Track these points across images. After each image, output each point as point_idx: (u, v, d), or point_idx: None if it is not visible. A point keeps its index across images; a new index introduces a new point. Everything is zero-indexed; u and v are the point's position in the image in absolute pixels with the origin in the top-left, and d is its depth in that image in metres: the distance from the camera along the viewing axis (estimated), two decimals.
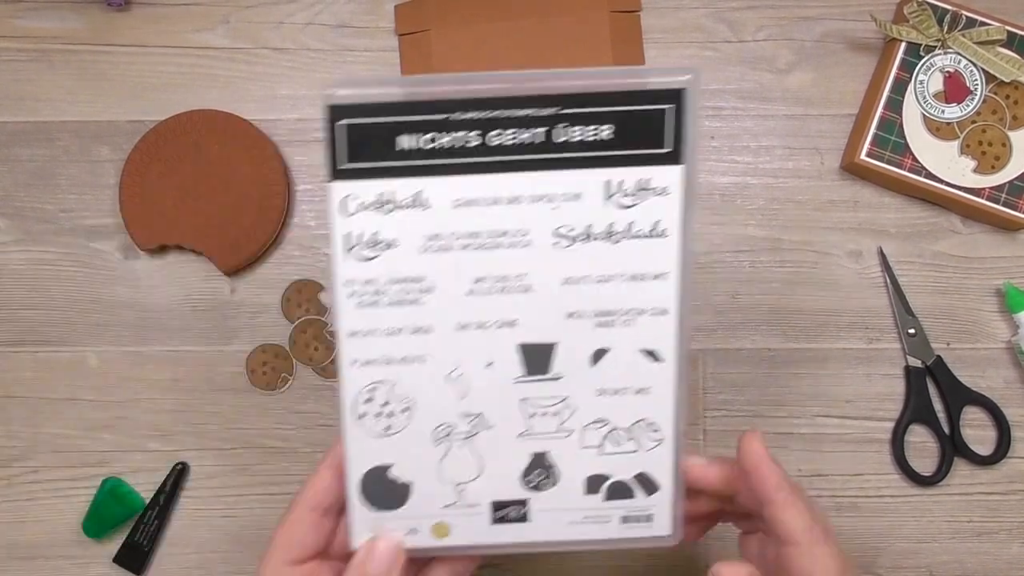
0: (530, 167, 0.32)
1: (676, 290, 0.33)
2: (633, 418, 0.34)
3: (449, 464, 0.34)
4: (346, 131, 0.31)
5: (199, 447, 0.50)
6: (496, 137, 0.31)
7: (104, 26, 0.52)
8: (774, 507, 0.34)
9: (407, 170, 0.32)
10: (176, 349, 0.51)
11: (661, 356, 0.33)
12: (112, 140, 0.52)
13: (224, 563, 0.50)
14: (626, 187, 0.32)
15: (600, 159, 0.32)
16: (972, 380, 0.50)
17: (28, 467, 0.50)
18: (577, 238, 0.32)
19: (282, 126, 0.52)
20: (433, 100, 0.31)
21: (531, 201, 0.32)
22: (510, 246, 0.32)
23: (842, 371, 0.51)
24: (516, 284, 0.33)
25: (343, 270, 0.32)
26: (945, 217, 0.51)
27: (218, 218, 0.50)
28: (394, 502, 0.34)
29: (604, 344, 0.33)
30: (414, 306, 0.33)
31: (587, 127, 0.31)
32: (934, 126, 0.50)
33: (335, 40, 0.52)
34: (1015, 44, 0.50)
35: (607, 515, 0.35)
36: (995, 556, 0.50)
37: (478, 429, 0.34)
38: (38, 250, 0.51)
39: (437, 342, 0.33)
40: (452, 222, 0.32)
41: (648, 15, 0.52)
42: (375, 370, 0.33)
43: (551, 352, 0.33)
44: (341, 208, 0.32)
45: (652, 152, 0.32)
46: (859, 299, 0.51)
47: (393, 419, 0.34)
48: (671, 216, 0.32)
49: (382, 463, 0.34)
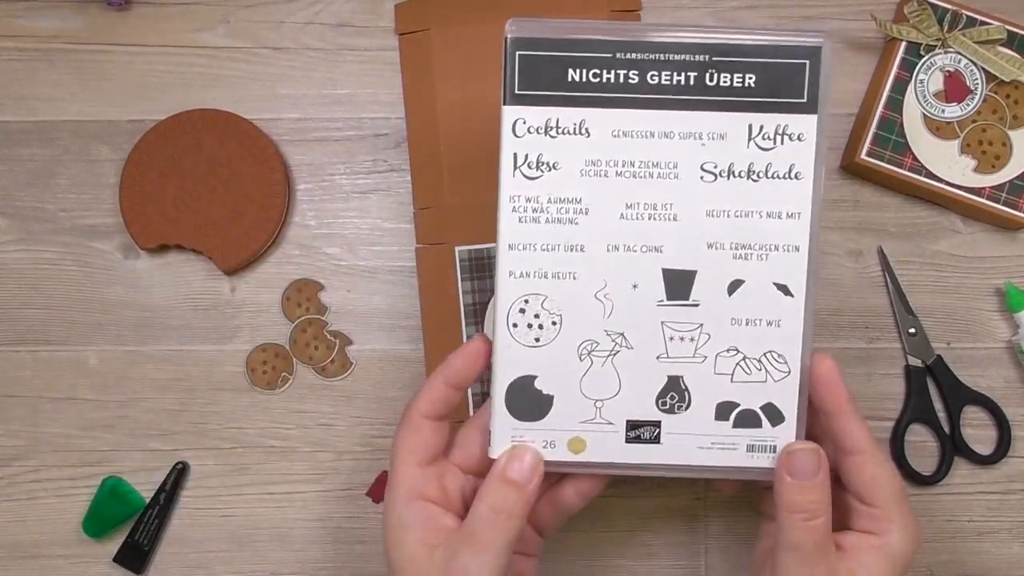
0: (682, 107, 0.35)
1: (808, 229, 0.36)
2: (764, 349, 0.36)
3: (591, 380, 0.36)
4: (523, 61, 0.35)
5: (199, 447, 0.50)
6: (654, 77, 0.35)
7: (104, 26, 0.52)
8: (844, 417, 0.36)
9: (573, 100, 0.35)
10: (176, 349, 0.51)
11: (792, 290, 0.36)
12: (112, 140, 0.52)
13: (224, 563, 0.50)
14: (766, 131, 0.35)
15: (745, 104, 0.35)
16: (972, 380, 0.50)
17: (28, 467, 0.51)
18: (721, 174, 0.35)
19: (282, 126, 0.52)
20: (601, 39, 0.35)
21: (681, 137, 0.35)
22: (660, 176, 0.36)
23: (842, 371, 0.50)
24: (663, 212, 0.36)
25: (509, 186, 0.36)
26: (945, 217, 0.51)
27: (218, 218, 0.50)
28: (536, 413, 0.37)
29: (740, 275, 0.36)
30: (570, 225, 0.36)
31: (735, 75, 0.35)
32: (934, 125, 0.50)
33: (335, 40, 0.52)
34: (1015, 43, 0.50)
35: (734, 442, 0.37)
36: (995, 556, 0.50)
37: (620, 348, 0.36)
38: (38, 250, 0.51)
39: (588, 261, 0.36)
40: (610, 150, 0.35)
41: (648, 15, 0.52)
42: (530, 283, 0.36)
43: (692, 279, 0.36)
44: (512, 129, 0.35)
45: (791, 101, 0.35)
46: (859, 299, 0.51)
47: (543, 331, 0.36)
48: (806, 160, 0.35)
49: (529, 373, 0.36)
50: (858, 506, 0.37)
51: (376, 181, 0.52)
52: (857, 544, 0.36)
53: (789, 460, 0.36)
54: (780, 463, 0.36)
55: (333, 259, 0.51)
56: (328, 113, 0.52)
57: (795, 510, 0.35)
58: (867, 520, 0.36)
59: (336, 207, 0.52)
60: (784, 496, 0.35)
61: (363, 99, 0.52)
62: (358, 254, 0.51)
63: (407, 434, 0.37)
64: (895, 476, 0.37)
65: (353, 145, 0.52)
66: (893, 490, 0.36)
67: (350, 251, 0.51)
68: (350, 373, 0.51)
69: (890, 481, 0.36)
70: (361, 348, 0.51)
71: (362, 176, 0.52)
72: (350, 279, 0.51)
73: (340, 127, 0.52)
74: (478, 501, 0.35)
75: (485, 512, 0.35)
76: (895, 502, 0.36)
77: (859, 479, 0.36)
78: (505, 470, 0.36)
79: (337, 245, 0.51)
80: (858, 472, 0.36)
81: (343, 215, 0.52)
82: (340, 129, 0.52)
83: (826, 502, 0.35)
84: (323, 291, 0.51)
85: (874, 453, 0.36)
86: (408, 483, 0.36)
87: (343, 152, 0.52)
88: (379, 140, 0.52)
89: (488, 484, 0.36)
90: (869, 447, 0.36)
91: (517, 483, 0.35)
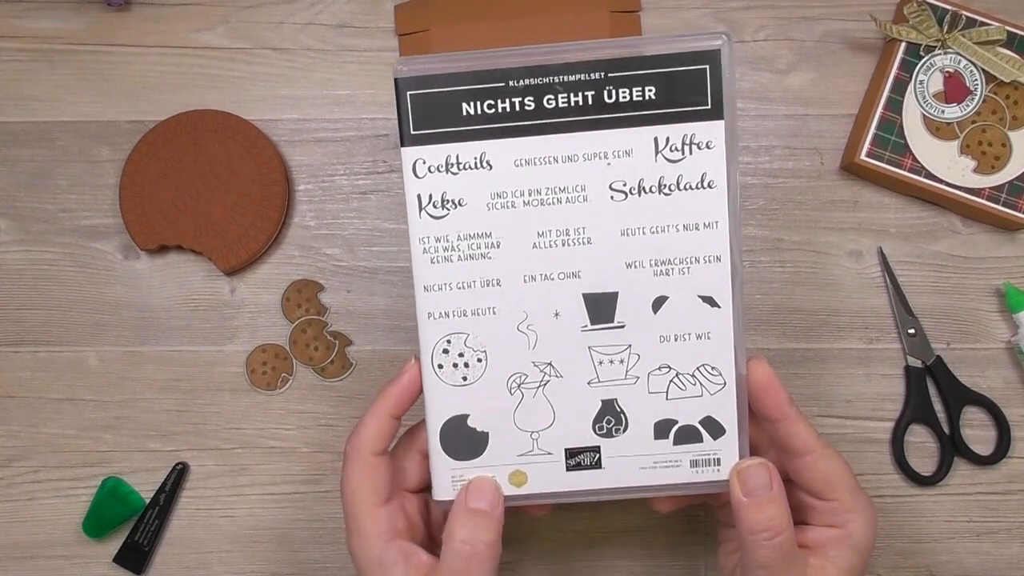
0: (583, 128, 0.34)
1: (728, 238, 0.35)
2: (696, 363, 0.36)
3: (524, 412, 0.36)
4: (414, 101, 0.34)
5: (199, 447, 0.50)
6: (550, 101, 0.34)
7: (104, 26, 0.52)
8: (789, 422, 0.36)
9: (471, 134, 0.35)
10: (176, 349, 0.51)
11: (718, 301, 0.35)
12: (112, 140, 0.52)
13: (224, 563, 0.50)
14: (673, 142, 0.34)
15: (647, 117, 0.34)
16: (972, 380, 0.50)
17: (28, 467, 0.51)
18: (631, 191, 0.35)
19: (282, 126, 0.52)
20: (491, 70, 0.34)
21: (586, 159, 0.35)
22: (569, 201, 0.35)
23: (842, 371, 0.51)
24: (577, 237, 0.35)
25: (417, 228, 0.35)
26: (945, 217, 0.51)
27: (218, 218, 0.50)
28: (473, 452, 0.36)
29: (664, 292, 0.35)
30: (483, 260, 0.35)
31: (633, 88, 0.34)
32: (934, 126, 0.50)
33: (335, 40, 0.52)
34: (1015, 44, 0.50)
35: (677, 459, 0.36)
36: (995, 556, 0.50)
37: (549, 377, 0.36)
38: (38, 250, 0.51)
39: (506, 294, 0.36)
40: (515, 180, 0.35)
41: (648, 15, 0.52)
42: (450, 323, 0.36)
43: (614, 301, 0.35)
44: (413, 171, 0.35)
45: (694, 109, 0.34)
46: (859, 299, 0.51)
47: (469, 369, 0.36)
48: (717, 168, 0.35)
49: (460, 412, 0.36)
50: (815, 503, 0.37)
51: (376, 181, 0.52)
52: (821, 540, 0.36)
53: (741, 479, 0.35)
54: (732, 485, 0.35)
55: (333, 260, 0.51)
56: (328, 113, 0.52)
57: (756, 530, 0.34)
58: (827, 515, 0.37)
59: (336, 207, 0.52)
60: (744, 519, 0.35)
61: (363, 100, 0.52)
62: (358, 255, 0.51)
63: (362, 475, 0.36)
64: (845, 466, 0.37)
65: (353, 145, 0.52)
66: (848, 482, 0.37)
67: (350, 251, 0.51)
68: (350, 374, 0.51)
69: (843, 473, 0.37)
70: (361, 349, 0.51)
71: (362, 176, 0.52)
72: (350, 280, 0.51)
73: (340, 127, 0.52)
74: (450, 538, 0.35)
75: (460, 546, 0.34)
76: (851, 493, 0.36)
77: (813, 477, 0.36)
78: (468, 501, 0.36)
79: (337, 246, 0.51)
80: (811, 470, 0.36)
81: (343, 215, 0.52)
82: (340, 130, 0.52)
83: (786, 515, 0.35)
84: (323, 292, 0.51)
85: (823, 450, 0.36)
86: (380, 525, 0.36)
87: (343, 152, 0.52)
88: (379, 140, 0.52)
89: (455, 518, 0.35)
90: (817, 445, 0.36)
91: (483, 511, 0.35)
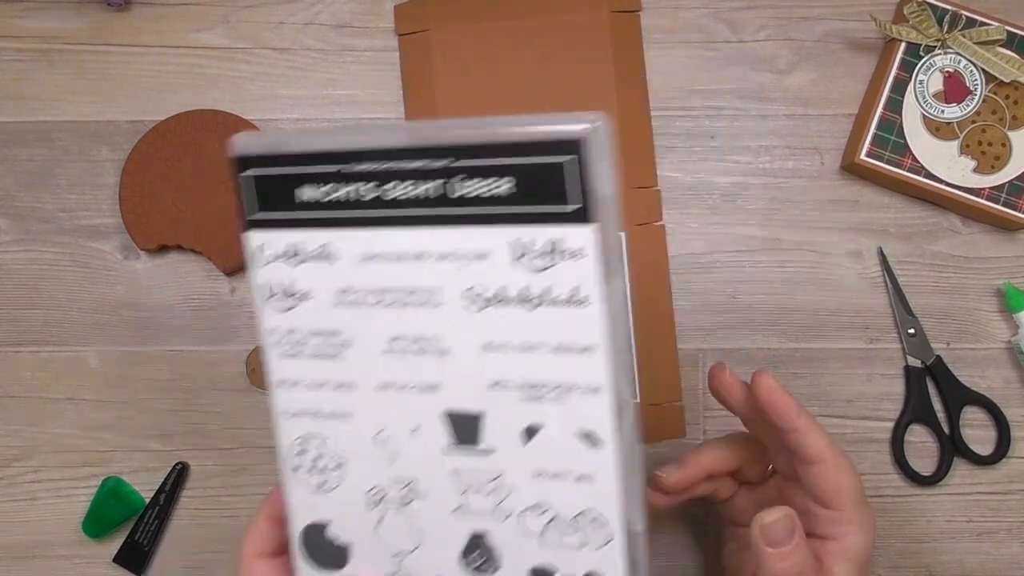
0: (429, 222, 0.29)
1: (607, 365, 0.28)
2: (576, 508, 0.30)
3: (386, 531, 0.32)
4: (252, 182, 0.30)
5: (199, 447, 0.50)
6: (392, 190, 0.29)
7: (104, 26, 0.52)
8: (799, 432, 0.36)
9: (311, 222, 0.30)
10: (176, 349, 0.51)
11: (599, 440, 0.29)
12: (112, 140, 0.52)
13: (224, 563, 0.50)
14: (537, 247, 0.28)
15: (503, 216, 0.28)
16: (972, 380, 0.50)
17: (28, 467, 0.51)
18: (490, 301, 0.29)
19: (282, 126, 0.52)
20: (329, 151, 0.29)
21: (437, 259, 0.29)
22: (421, 305, 0.30)
23: (842, 371, 0.51)
24: (432, 346, 0.30)
25: (265, 319, 0.32)
26: (945, 217, 0.51)
27: (218, 218, 0.50)
28: (334, 563, 0.33)
29: (535, 421, 0.30)
30: (334, 360, 0.31)
31: (484, 180, 0.28)
32: (934, 126, 0.50)
33: (335, 40, 0.52)
34: (1015, 44, 0.50)
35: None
36: (995, 556, 0.50)
37: (411, 497, 0.31)
38: (38, 250, 0.51)
39: (360, 400, 0.31)
40: (360, 276, 0.30)
41: (648, 15, 0.52)
42: (304, 422, 0.32)
43: (478, 423, 0.30)
44: (256, 258, 0.31)
45: (558, 210, 0.28)
46: (859, 299, 0.51)
47: (327, 475, 0.32)
48: (590, 282, 0.28)
49: (320, 520, 0.32)
50: (818, 509, 0.37)
51: None
52: (820, 554, 0.36)
53: (763, 532, 0.35)
54: (755, 537, 0.35)
55: None
56: (328, 113, 0.52)
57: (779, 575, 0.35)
58: (827, 524, 0.37)
59: None
60: (766, 565, 0.35)
61: (363, 100, 0.52)
62: None
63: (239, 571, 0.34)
64: (856, 477, 0.37)
65: None
66: (855, 495, 0.37)
67: None
68: None
69: (852, 486, 0.37)
70: None
71: None
72: None
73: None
74: None
75: None
76: (855, 506, 0.37)
77: (823, 487, 0.37)
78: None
79: None
80: (822, 480, 0.36)
81: None
82: None
83: (806, 559, 0.35)
84: None
85: (835, 460, 0.36)
86: None
87: None
88: None
89: None
90: (830, 455, 0.36)
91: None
